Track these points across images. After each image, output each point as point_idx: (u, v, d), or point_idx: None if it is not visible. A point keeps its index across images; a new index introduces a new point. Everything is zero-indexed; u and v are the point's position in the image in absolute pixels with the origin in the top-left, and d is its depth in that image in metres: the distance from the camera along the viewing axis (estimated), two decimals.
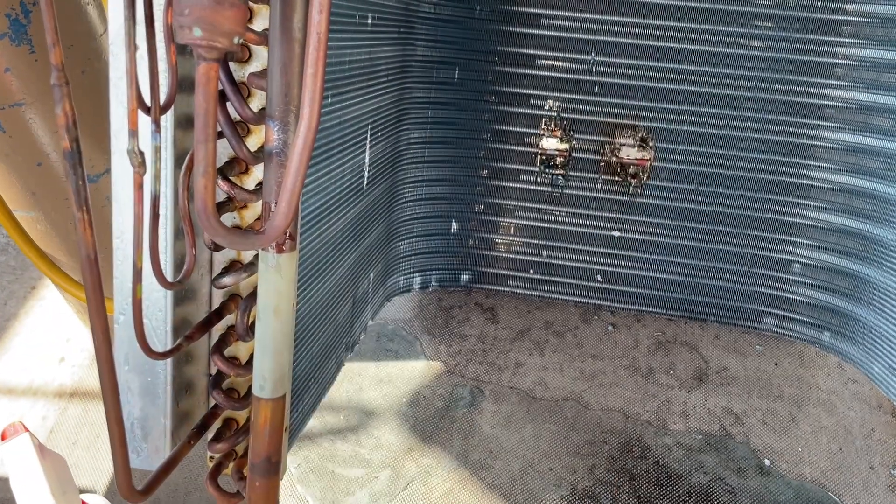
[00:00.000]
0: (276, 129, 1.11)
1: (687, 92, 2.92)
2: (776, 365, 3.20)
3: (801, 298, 3.08)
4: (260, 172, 1.35)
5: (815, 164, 2.91)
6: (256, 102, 1.29)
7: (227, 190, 1.25)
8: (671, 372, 3.18)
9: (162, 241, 1.23)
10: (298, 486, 2.71)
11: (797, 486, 2.74)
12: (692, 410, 3.02)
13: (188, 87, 1.23)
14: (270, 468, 1.29)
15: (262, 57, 1.27)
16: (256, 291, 1.41)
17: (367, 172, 2.26)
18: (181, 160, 1.25)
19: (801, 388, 3.11)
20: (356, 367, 3.16)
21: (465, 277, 3.38)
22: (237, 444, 1.45)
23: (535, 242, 3.28)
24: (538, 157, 3.13)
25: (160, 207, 1.11)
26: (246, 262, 1.39)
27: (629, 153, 3.04)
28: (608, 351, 3.28)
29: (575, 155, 3.10)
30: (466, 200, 3.22)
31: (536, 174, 3.16)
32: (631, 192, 3.11)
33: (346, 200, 2.04)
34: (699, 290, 3.21)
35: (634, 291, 3.27)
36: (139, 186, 1.01)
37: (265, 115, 1.12)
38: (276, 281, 1.17)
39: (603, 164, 3.10)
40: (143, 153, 0.99)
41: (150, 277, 1.16)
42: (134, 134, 0.97)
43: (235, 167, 1.33)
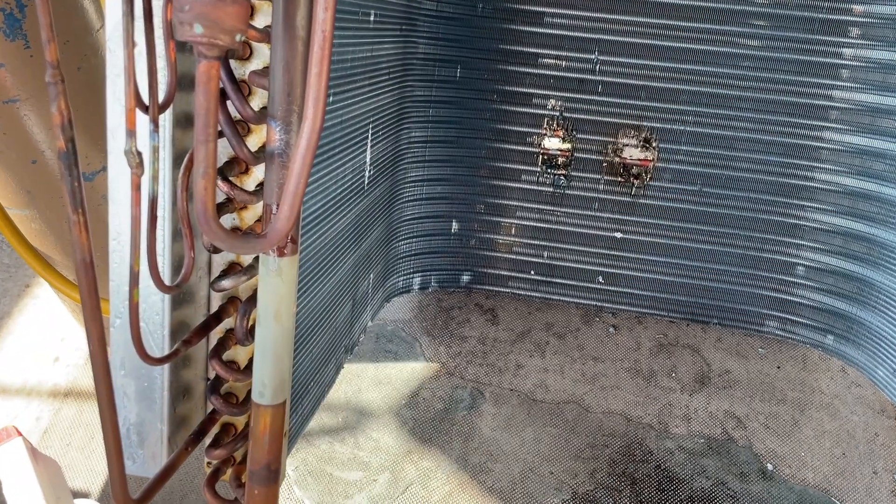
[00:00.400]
0: (278, 129, 1.07)
1: (691, 92, 2.89)
2: (779, 368, 3.18)
3: (804, 301, 3.06)
4: (260, 173, 1.31)
5: (820, 166, 2.88)
6: (257, 101, 1.26)
7: (226, 191, 1.22)
8: (673, 375, 3.15)
9: (160, 243, 1.19)
10: (296, 488, 2.68)
11: (800, 490, 2.72)
12: (694, 414, 3.00)
13: (186, 84, 1.19)
14: (270, 476, 1.26)
15: (263, 54, 1.23)
16: (256, 295, 1.38)
17: (367, 172, 2.23)
18: (179, 160, 1.22)
19: (803, 391, 3.08)
20: (355, 368, 3.12)
21: (465, 278, 3.35)
22: (235, 450, 1.42)
23: (536, 243, 3.25)
24: (540, 156, 3.10)
25: (158, 209, 1.07)
26: (245, 264, 1.36)
27: (632, 154, 3.01)
28: (609, 353, 3.25)
29: (577, 155, 3.07)
30: (467, 200, 3.19)
31: (538, 174, 3.13)
32: (633, 192, 3.09)
33: (346, 201, 2.00)
34: (702, 292, 3.18)
35: (636, 293, 3.24)
36: (137, 187, 0.98)
37: (266, 114, 1.09)
38: (276, 285, 1.14)
39: (605, 164, 3.07)
40: (140, 153, 0.96)
41: (147, 281, 1.13)
42: (132, 134, 0.94)
43: (235, 167, 1.30)
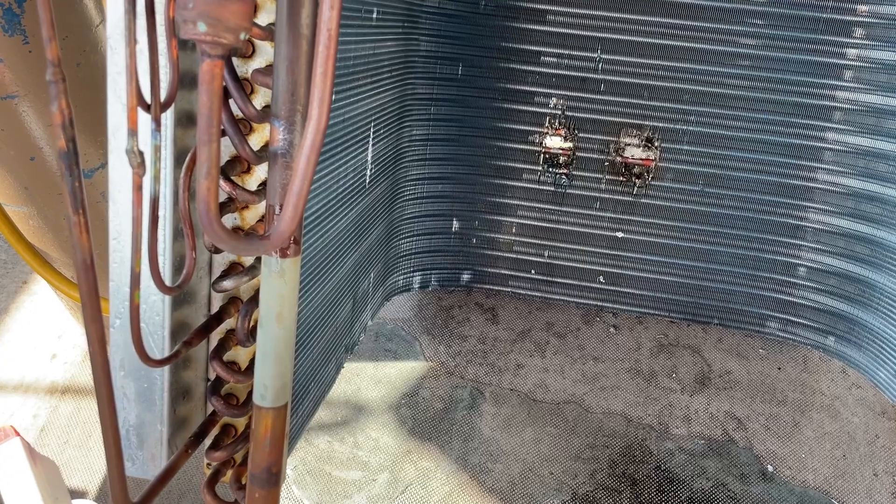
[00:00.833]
0: (281, 128, 1.06)
1: (694, 92, 2.87)
2: (779, 369, 3.17)
3: (806, 302, 3.05)
4: (262, 172, 1.30)
5: (823, 166, 2.87)
6: (259, 99, 1.24)
7: (228, 191, 1.20)
8: (673, 375, 3.15)
9: (160, 243, 1.18)
10: (295, 488, 2.67)
11: (800, 492, 2.71)
12: (694, 415, 2.99)
13: (187, 83, 1.18)
14: (271, 479, 1.25)
15: (266, 52, 1.22)
16: (257, 295, 1.36)
17: (369, 170, 2.21)
18: (180, 159, 1.20)
19: (804, 393, 3.08)
20: (354, 367, 3.11)
21: (465, 277, 3.34)
22: (236, 451, 1.41)
23: (536, 242, 3.24)
24: (541, 155, 3.08)
25: (159, 209, 1.06)
26: (247, 265, 1.34)
27: (634, 153, 3.00)
28: (610, 353, 3.24)
29: (579, 154, 3.06)
30: (468, 199, 3.18)
31: (539, 173, 3.12)
32: (635, 192, 3.07)
33: (348, 200, 1.99)
34: (703, 292, 3.17)
35: (637, 293, 3.23)
36: (138, 187, 0.97)
37: (269, 113, 1.07)
38: (279, 286, 1.12)
39: (607, 163, 3.06)
40: (142, 153, 0.94)
41: (147, 281, 1.11)
42: (133, 133, 0.92)
43: (237, 166, 1.28)
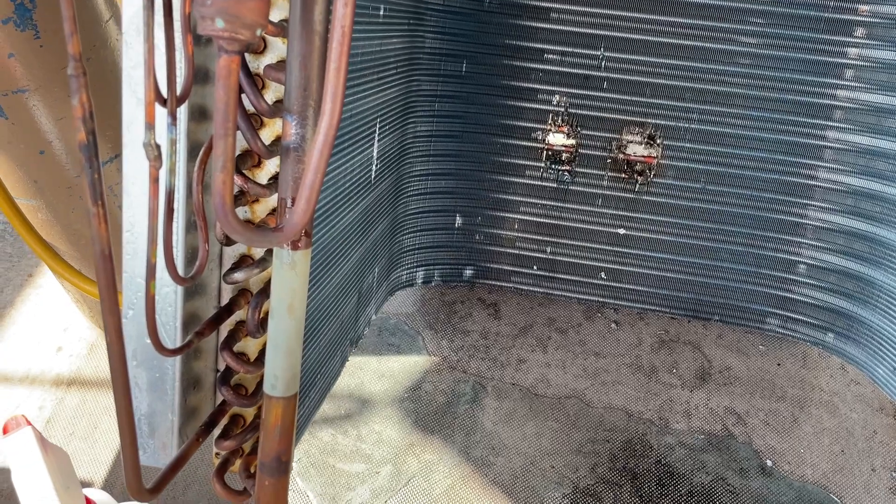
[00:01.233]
0: (293, 123, 1.08)
1: (696, 90, 2.89)
2: (779, 366, 3.20)
3: (806, 299, 3.07)
4: (272, 166, 1.32)
5: (823, 164, 2.89)
6: (271, 95, 1.27)
7: (240, 184, 1.23)
8: (674, 371, 3.17)
9: (174, 235, 1.20)
10: (299, 480, 2.70)
11: (799, 487, 2.74)
12: (695, 410, 3.02)
13: (200, 78, 1.20)
14: (280, 467, 1.27)
15: (277, 48, 1.24)
16: (266, 287, 1.39)
17: (374, 166, 2.24)
18: (193, 153, 1.22)
19: (803, 389, 3.10)
20: (358, 361, 3.14)
21: (468, 273, 3.36)
22: (245, 441, 1.43)
23: (539, 238, 3.26)
24: (544, 152, 3.10)
25: (174, 202, 1.08)
26: (257, 257, 1.37)
27: (636, 150, 3.02)
28: (611, 349, 3.27)
29: (581, 151, 3.08)
30: (471, 195, 3.20)
31: (542, 170, 3.14)
32: (637, 189, 3.09)
33: (355, 195, 2.01)
34: (704, 289, 3.19)
35: (638, 289, 3.26)
36: (155, 180, 0.99)
37: (282, 108, 1.09)
38: (290, 278, 1.15)
39: (609, 160, 3.08)
40: (159, 146, 0.97)
41: (160, 273, 1.14)
42: (151, 127, 0.94)
43: (248, 161, 1.30)
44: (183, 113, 1.16)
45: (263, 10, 0.89)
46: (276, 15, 1.20)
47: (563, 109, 3.02)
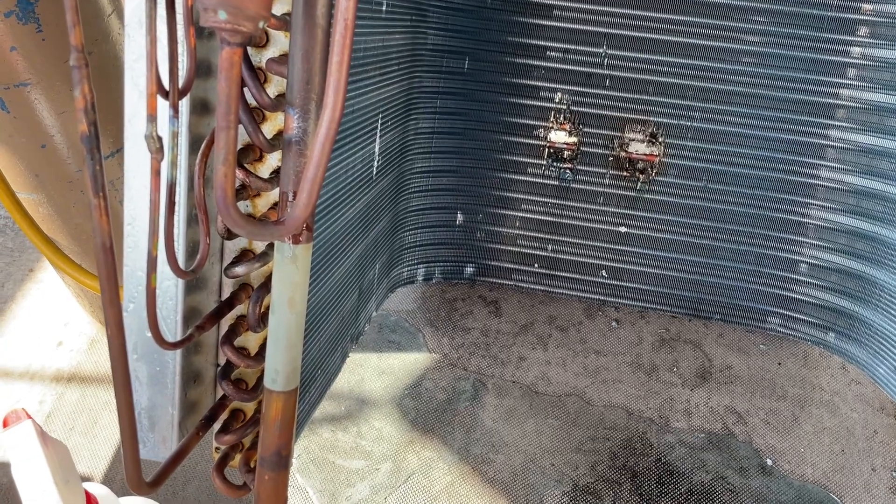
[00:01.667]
0: (296, 117, 1.07)
1: (698, 88, 2.89)
2: (780, 365, 3.20)
3: (807, 299, 3.07)
4: (274, 161, 1.32)
5: (826, 163, 2.89)
6: (273, 89, 1.26)
7: (242, 178, 1.22)
8: (674, 369, 3.17)
9: (176, 229, 1.20)
10: (298, 476, 2.70)
11: (799, 486, 2.74)
12: (695, 408, 3.01)
13: (202, 72, 1.19)
14: (280, 462, 1.27)
15: (279, 42, 1.23)
16: (268, 281, 1.38)
17: (376, 162, 2.23)
18: (195, 147, 1.22)
19: (804, 388, 3.10)
20: (358, 357, 3.14)
21: (468, 270, 3.36)
22: (245, 436, 1.43)
23: (540, 236, 3.25)
24: (546, 150, 3.10)
25: (175, 195, 1.08)
26: (258, 251, 1.37)
27: (638, 148, 3.01)
28: (612, 347, 3.26)
29: (583, 149, 3.08)
30: (472, 192, 3.20)
31: (544, 167, 3.13)
32: (639, 187, 3.09)
33: (356, 190, 2.01)
34: (705, 287, 3.19)
35: (639, 288, 3.25)
36: (156, 172, 0.99)
37: (284, 102, 1.09)
38: (291, 272, 1.14)
39: (611, 158, 3.08)
40: (161, 138, 0.97)
41: (161, 266, 1.13)
42: (153, 119, 0.94)
43: (249, 155, 1.30)
44: (185, 106, 1.16)
45: (266, 2, 0.88)
46: (278, 8, 1.20)
47: (565, 107, 3.02)
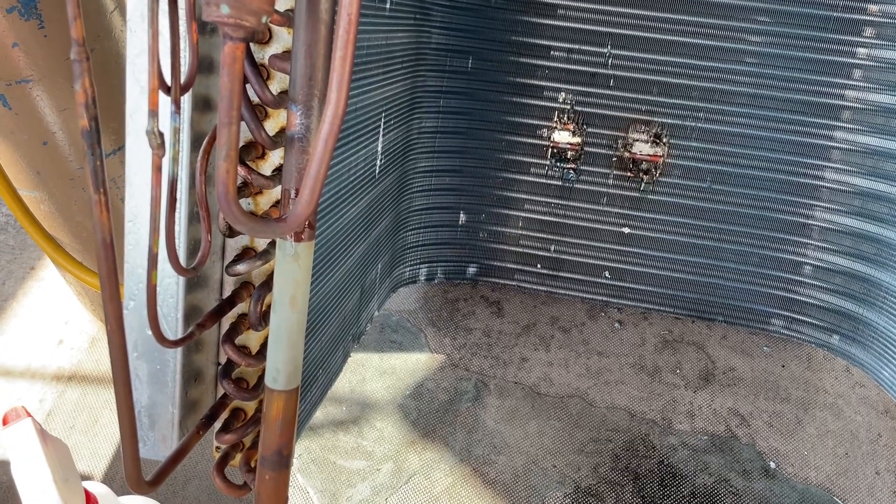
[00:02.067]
0: (298, 113, 1.06)
1: (703, 89, 2.87)
2: (783, 367, 3.18)
3: (811, 301, 3.05)
4: (276, 157, 1.31)
5: (831, 165, 2.87)
6: (276, 85, 1.25)
7: (244, 175, 1.21)
8: (677, 371, 3.15)
9: (177, 226, 1.19)
10: (299, 476, 2.69)
11: (802, 489, 2.72)
12: (698, 410, 3.00)
13: (204, 68, 1.19)
14: (281, 461, 1.26)
15: (283, 38, 1.23)
16: (269, 280, 1.37)
17: (379, 161, 2.22)
18: (196, 144, 1.21)
19: (808, 391, 3.09)
20: (359, 357, 3.13)
21: (471, 270, 3.35)
22: (245, 435, 1.42)
23: (543, 237, 3.24)
24: (549, 150, 3.09)
25: (177, 191, 1.07)
26: (260, 249, 1.36)
27: (642, 149, 3.00)
28: (614, 348, 3.25)
29: (587, 149, 3.06)
30: (475, 192, 3.18)
31: (547, 167, 3.12)
32: (642, 188, 3.08)
33: (359, 189, 2.00)
34: (708, 289, 3.18)
35: (642, 289, 3.24)
36: (158, 169, 0.98)
37: (287, 98, 1.08)
38: (293, 270, 1.13)
39: (615, 159, 3.06)
40: (162, 134, 0.96)
41: (162, 264, 1.12)
42: (154, 114, 0.93)
43: (252, 152, 1.29)
44: (187, 102, 1.15)
45: None
46: (282, 4, 1.19)
47: (568, 107, 3.00)
